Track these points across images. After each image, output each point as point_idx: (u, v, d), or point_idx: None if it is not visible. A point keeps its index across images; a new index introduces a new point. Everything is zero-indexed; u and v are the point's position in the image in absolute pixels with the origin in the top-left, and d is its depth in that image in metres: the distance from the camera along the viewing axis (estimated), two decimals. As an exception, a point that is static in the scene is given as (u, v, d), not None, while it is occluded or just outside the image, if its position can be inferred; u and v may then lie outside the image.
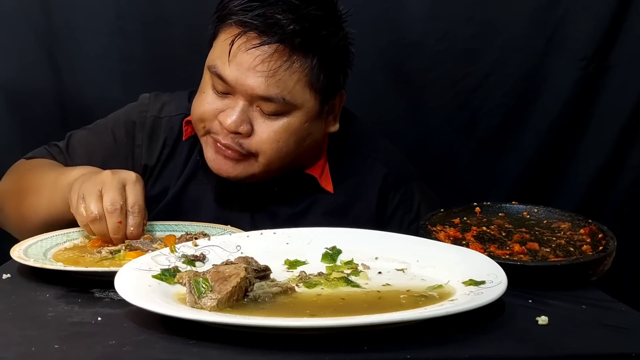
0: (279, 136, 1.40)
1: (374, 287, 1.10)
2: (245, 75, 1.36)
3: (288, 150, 1.42)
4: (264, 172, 1.44)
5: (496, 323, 0.99)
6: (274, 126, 1.40)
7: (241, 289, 1.02)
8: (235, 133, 1.39)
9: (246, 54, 1.36)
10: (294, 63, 1.37)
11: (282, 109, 1.39)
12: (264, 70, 1.35)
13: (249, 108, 1.39)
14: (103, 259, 1.24)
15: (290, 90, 1.38)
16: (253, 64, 1.35)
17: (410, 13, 2.07)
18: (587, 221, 1.35)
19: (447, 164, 2.14)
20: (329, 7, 1.44)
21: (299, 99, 1.39)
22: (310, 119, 1.43)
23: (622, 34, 2.04)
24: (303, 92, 1.40)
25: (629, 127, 2.08)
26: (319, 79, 1.40)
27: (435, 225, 1.34)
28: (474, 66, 2.09)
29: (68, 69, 2.06)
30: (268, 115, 1.39)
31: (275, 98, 1.37)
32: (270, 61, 1.35)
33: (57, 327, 0.97)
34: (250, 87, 1.36)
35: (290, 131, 1.41)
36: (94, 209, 1.26)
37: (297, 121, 1.41)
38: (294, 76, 1.37)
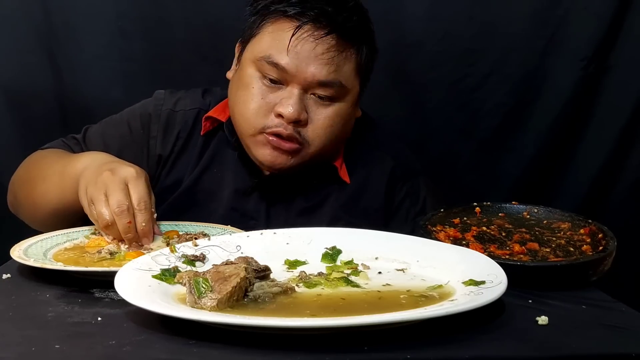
0: (332, 121, 1.47)
1: (374, 287, 1.10)
2: (306, 62, 1.42)
3: (338, 134, 1.50)
4: (310, 161, 1.50)
5: (496, 323, 0.99)
6: (327, 112, 1.46)
7: (241, 289, 1.02)
8: (295, 122, 1.43)
9: (306, 43, 1.42)
10: (348, 51, 1.45)
11: (336, 94, 1.46)
12: (325, 58, 1.42)
13: (304, 96, 1.45)
14: (103, 259, 1.25)
15: (345, 75, 1.46)
16: (314, 53, 1.42)
17: (410, 13, 2.07)
18: (587, 221, 1.35)
19: (447, 164, 2.14)
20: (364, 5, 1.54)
21: (350, 84, 1.48)
22: (354, 103, 1.52)
23: (622, 34, 2.04)
24: (354, 77, 1.48)
25: (629, 127, 2.08)
26: (366, 65, 1.51)
27: (435, 225, 1.34)
28: (474, 66, 2.09)
29: (68, 69, 2.06)
30: (322, 101, 1.45)
31: (334, 82, 1.44)
32: (329, 50, 1.42)
33: (57, 327, 0.97)
34: (311, 74, 1.42)
35: (341, 115, 1.48)
36: (104, 214, 1.27)
37: (346, 105, 1.48)
38: (348, 63, 1.46)
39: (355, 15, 1.47)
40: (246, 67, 1.48)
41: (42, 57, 2.06)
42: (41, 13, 2.03)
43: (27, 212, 1.58)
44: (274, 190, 1.55)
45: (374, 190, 1.59)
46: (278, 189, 1.55)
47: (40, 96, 2.07)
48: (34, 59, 2.05)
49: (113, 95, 2.05)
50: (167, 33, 2.07)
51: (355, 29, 1.46)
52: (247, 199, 1.56)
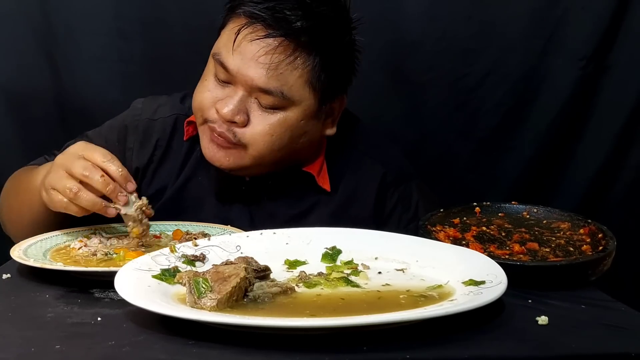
0: (274, 130, 1.41)
1: (374, 287, 1.10)
2: (247, 65, 1.37)
3: (281, 145, 1.43)
4: (255, 165, 1.44)
5: (496, 323, 0.99)
6: (270, 119, 1.40)
7: (241, 289, 1.02)
8: (230, 122, 1.40)
9: (250, 44, 1.37)
10: (297, 59, 1.38)
11: (279, 103, 1.39)
12: (266, 63, 1.36)
13: (248, 99, 1.40)
14: (102, 259, 1.25)
15: (290, 86, 1.38)
16: (256, 55, 1.36)
17: (409, 13, 2.07)
18: (586, 221, 1.35)
19: (446, 164, 2.14)
20: (340, 11, 1.45)
21: (297, 95, 1.40)
22: (306, 117, 1.43)
23: (621, 33, 2.04)
24: (302, 89, 1.40)
25: (628, 127, 2.08)
26: (319, 78, 1.41)
27: (435, 225, 1.34)
28: (473, 66, 2.09)
29: (67, 69, 2.06)
30: (265, 108, 1.40)
31: (274, 91, 1.38)
32: (273, 54, 1.36)
33: (57, 327, 0.97)
34: (250, 78, 1.37)
35: (285, 126, 1.41)
36: (68, 185, 1.24)
37: (293, 117, 1.41)
38: (295, 72, 1.38)
39: (316, 21, 1.38)
40: (209, 60, 1.46)
41: (40, 58, 2.06)
42: (40, 14, 2.03)
43: (9, 229, 1.56)
44: (256, 198, 1.53)
45: (363, 198, 1.56)
46: (259, 196, 1.53)
47: (39, 97, 2.07)
48: (32, 60, 2.05)
49: (112, 96, 2.05)
50: (166, 34, 2.07)
51: (309, 35, 1.37)
52: (231, 207, 1.54)
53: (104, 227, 1.44)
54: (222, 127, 1.41)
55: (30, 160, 2.05)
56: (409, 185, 1.60)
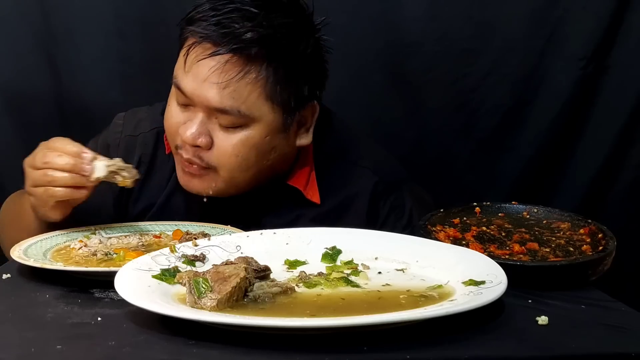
0: (238, 150, 1.36)
1: (374, 287, 1.10)
2: (200, 86, 1.33)
3: (249, 164, 1.39)
4: (230, 187, 1.41)
5: (496, 323, 0.99)
6: (232, 139, 1.36)
7: (241, 289, 1.02)
8: (195, 146, 1.36)
9: (201, 64, 1.32)
10: (249, 74, 1.32)
11: (239, 122, 1.35)
12: (218, 82, 1.31)
13: (208, 120, 1.36)
14: (102, 259, 1.25)
15: (247, 103, 1.33)
16: (207, 75, 1.32)
17: (408, 13, 2.07)
18: (586, 221, 1.35)
19: (446, 164, 2.14)
20: (297, 16, 1.39)
21: (257, 112, 1.35)
22: (271, 133, 1.38)
23: (621, 33, 2.04)
24: (261, 104, 1.35)
25: (628, 127, 2.08)
26: (279, 91, 1.35)
27: (435, 225, 1.34)
28: (472, 66, 2.09)
29: (67, 71, 2.06)
30: (227, 128, 1.36)
31: (230, 110, 1.33)
32: (223, 72, 1.31)
33: (57, 327, 0.97)
34: (205, 99, 1.33)
35: (249, 145, 1.37)
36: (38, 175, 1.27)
37: (256, 134, 1.37)
38: (249, 87, 1.33)
39: (267, 31, 1.32)
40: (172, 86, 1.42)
41: (40, 59, 2.05)
42: (39, 15, 2.03)
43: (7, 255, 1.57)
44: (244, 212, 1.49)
45: (354, 209, 1.51)
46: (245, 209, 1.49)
47: (39, 98, 2.07)
48: (32, 61, 2.05)
49: (111, 97, 2.05)
50: (166, 34, 2.06)
51: (260, 47, 1.31)
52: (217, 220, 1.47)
53: (104, 227, 1.44)
54: (188, 152, 1.37)
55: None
56: (400, 192, 1.55)
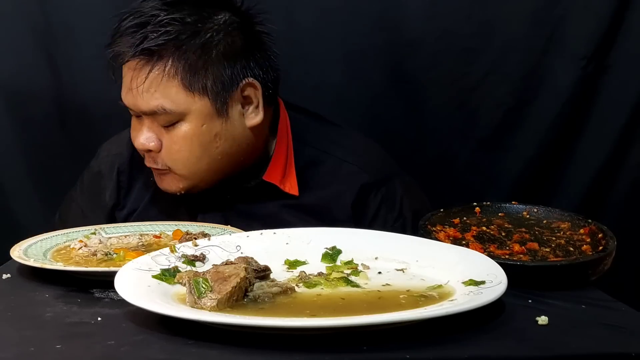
0: (180, 145, 1.41)
1: (374, 287, 1.10)
2: (131, 96, 1.40)
3: (197, 155, 1.42)
4: (193, 182, 1.46)
5: (496, 323, 0.99)
6: (173, 137, 1.41)
7: (241, 289, 1.02)
8: (148, 151, 1.43)
9: (126, 76, 1.41)
10: (157, 71, 1.37)
11: (172, 119, 1.40)
12: (135, 87, 1.38)
13: (152, 125, 1.42)
14: (102, 259, 1.25)
15: (168, 98, 1.38)
16: (129, 84, 1.40)
17: (409, 12, 2.07)
18: (587, 221, 1.34)
19: (446, 164, 2.14)
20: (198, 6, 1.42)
21: (182, 104, 1.39)
22: (206, 120, 1.41)
23: (622, 33, 2.03)
24: (182, 96, 1.39)
25: (629, 127, 2.08)
26: (192, 80, 1.39)
27: (435, 225, 1.34)
28: (473, 65, 2.08)
29: (66, 69, 2.05)
30: (166, 127, 1.41)
31: (157, 110, 1.38)
32: (136, 77, 1.38)
33: (56, 327, 0.97)
34: (136, 106, 1.41)
35: (189, 138, 1.41)
36: None
37: (192, 126, 1.40)
38: (164, 84, 1.38)
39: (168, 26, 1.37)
40: None
41: (40, 57, 2.05)
42: (39, 13, 2.03)
43: None
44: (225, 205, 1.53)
45: (341, 203, 1.53)
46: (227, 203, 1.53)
47: (39, 96, 2.06)
48: (31, 59, 2.05)
49: (111, 95, 2.02)
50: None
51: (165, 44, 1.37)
52: (204, 216, 1.52)
53: (104, 227, 1.44)
54: (147, 160, 1.45)
55: (28, 159, 2.06)
56: (391, 184, 1.57)
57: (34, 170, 2.09)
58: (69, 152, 2.07)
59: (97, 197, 1.60)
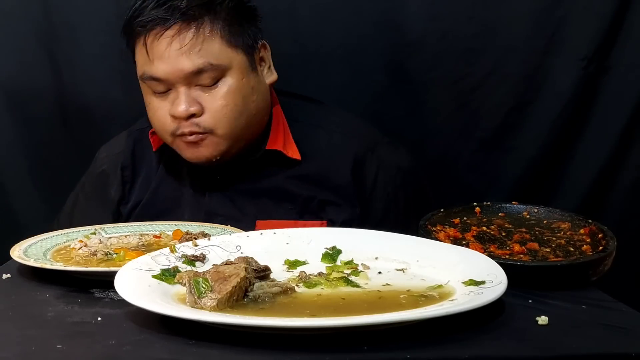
0: (226, 100, 1.47)
1: (374, 287, 1.10)
2: (170, 62, 1.44)
3: (239, 110, 1.49)
4: (230, 143, 1.51)
5: (496, 323, 0.99)
6: (217, 94, 1.47)
7: (241, 289, 1.02)
8: (189, 117, 1.46)
9: (160, 44, 1.44)
10: (203, 29, 1.45)
11: (216, 75, 1.47)
12: (181, 49, 1.44)
13: (190, 90, 1.47)
14: (102, 259, 1.25)
15: (213, 54, 1.46)
16: (170, 49, 1.44)
17: (410, 13, 2.06)
18: (587, 221, 1.34)
19: (446, 164, 2.14)
20: None
21: (226, 59, 1.47)
22: (245, 74, 1.50)
23: (622, 33, 2.03)
24: (226, 51, 1.47)
25: (629, 127, 2.07)
26: (232, 35, 1.48)
27: (435, 225, 1.34)
28: (474, 66, 2.08)
29: (68, 68, 2.05)
30: (208, 87, 1.47)
31: (204, 67, 1.45)
32: (181, 39, 1.44)
33: (57, 327, 0.98)
34: (180, 70, 1.44)
35: (233, 91, 1.48)
36: None
37: (235, 80, 1.48)
38: (209, 41, 1.45)
39: None
40: (142, 88, 1.54)
41: (41, 56, 2.05)
42: (41, 12, 2.03)
43: None
44: (231, 183, 1.59)
45: (340, 170, 1.61)
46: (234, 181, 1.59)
47: (40, 95, 2.06)
48: (33, 59, 2.05)
49: (113, 94, 2.05)
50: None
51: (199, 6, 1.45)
52: (210, 198, 1.59)
53: (104, 227, 1.44)
54: (187, 127, 1.47)
55: (29, 159, 2.07)
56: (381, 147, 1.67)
57: (35, 169, 2.09)
58: (70, 151, 2.08)
59: (103, 196, 1.64)
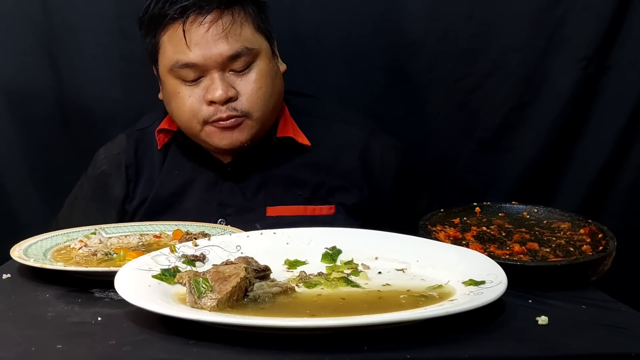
0: (260, 83, 1.53)
1: (374, 287, 1.10)
2: (209, 47, 1.49)
3: (271, 92, 1.55)
4: (261, 126, 1.56)
5: (496, 323, 0.99)
6: (251, 78, 1.53)
7: (241, 289, 1.02)
8: (227, 102, 1.51)
9: (198, 30, 1.49)
10: (239, 16, 1.52)
11: (250, 59, 1.52)
12: (220, 34, 1.49)
13: (224, 76, 1.51)
14: (102, 259, 1.25)
15: (248, 39, 1.52)
16: (209, 35, 1.49)
17: (410, 13, 2.06)
18: (587, 221, 1.34)
19: (447, 164, 2.14)
20: None
21: (257, 44, 1.54)
22: (270, 59, 1.58)
23: (622, 33, 2.03)
24: (257, 36, 1.55)
25: (629, 127, 2.07)
26: (261, 21, 1.56)
27: (435, 225, 1.34)
28: (474, 66, 2.08)
29: (68, 68, 2.05)
30: (242, 72, 1.52)
31: (241, 51, 1.51)
32: (220, 25, 1.50)
33: (57, 327, 0.98)
34: (218, 54, 1.49)
35: (264, 74, 1.54)
36: None
37: (264, 64, 1.55)
38: (244, 27, 1.52)
39: None
40: (167, 80, 1.56)
41: (41, 57, 2.05)
42: (41, 13, 2.03)
43: None
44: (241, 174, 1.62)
45: (347, 155, 1.65)
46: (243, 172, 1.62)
47: (40, 96, 2.06)
48: (33, 59, 2.04)
49: (113, 95, 2.05)
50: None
51: None
52: (221, 189, 1.62)
53: (104, 227, 1.45)
54: (223, 112, 1.51)
55: (29, 159, 2.06)
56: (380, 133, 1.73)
57: (35, 170, 2.08)
58: (70, 152, 2.07)
59: (104, 196, 1.66)
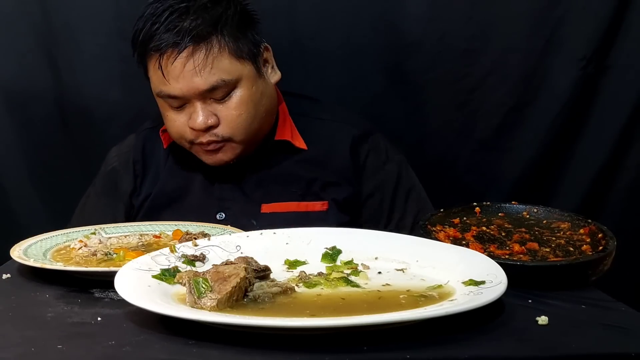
0: (240, 110, 1.55)
1: (374, 287, 1.10)
2: (185, 82, 1.51)
3: (253, 116, 1.57)
4: (247, 145, 1.59)
5: (496, 323, 0.99)
6: (231, 106, 1.54)
7: (241, 289, 1.02)
8: (207, 129, 1.54)
9: (175, 66, 1.51)
10: (212, 49, 1.51)
11: (228, 89, 1.53)
12: (195, 69, 1.50)
13: (206, 104, 1.54)
14: (102, 259, 1.25)
15: (224, 70, 1.52)
16: (184, 70, 1.50)
17: (409, 13, 2.07)
18: (586, 221, 1.34)
19: (446, 164, 2.14)
20: None
21: (235, 73, 1.53)
22: (254, 82, 1.57)
23: (621, 33, 2.03)
24: (235, 65, 1.54)
25: (628, 127, 2.08)
26: (237, 48, 1.54)
27: (435, 225, 1.34)
28: (473, 66, 2.08)
29: (67, 69, 2.05)
30: (222, 100, 1.54)
31: (217, 84, 1.51)
32: (193, 60, 1.50)
33: (57, 327, 0.98)
34: (194, 88, 1.51)
35: (245, 101, 1.55)
36: None
37: (245, 90, 1.55)
38: (218, 58, 1.51)
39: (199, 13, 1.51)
40: (157, 100, 1.60)
41: (41, 58, 2.05)
42: (40, 13, 2.03)
43: None
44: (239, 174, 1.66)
45: (340, 152, 1.69)
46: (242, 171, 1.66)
47: (40, 97, 2.06)
48: (33, 60, 2.05)
49: (112, 96, 2.05)
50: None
51: (206, 27, 1.51)
52: (220, 188, 1.66)
53: (104, 227, 1.44)
54: (205, 137, 1.55)
55: (29, 160, 2.07)
56: (375, 136, 1.75)
57: (35, 170, 2.09)
58: (69, 152, 2.08)
59: (114, 190, 1.72)
